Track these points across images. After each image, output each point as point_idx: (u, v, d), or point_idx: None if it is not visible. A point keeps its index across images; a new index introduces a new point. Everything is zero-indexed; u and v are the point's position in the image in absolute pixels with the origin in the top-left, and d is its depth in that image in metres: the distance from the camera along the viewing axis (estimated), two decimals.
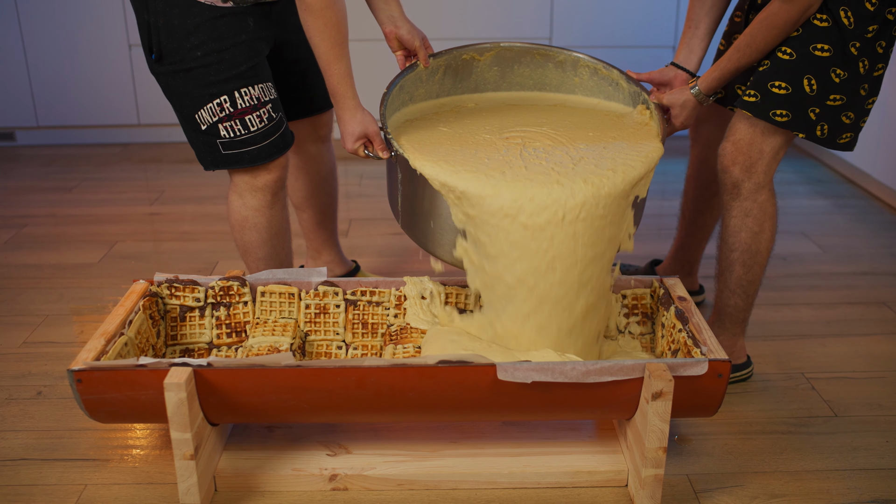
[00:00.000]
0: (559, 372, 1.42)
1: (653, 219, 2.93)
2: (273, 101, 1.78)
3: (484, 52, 1.87)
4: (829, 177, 3.35)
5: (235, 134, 1.74)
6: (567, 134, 1.71)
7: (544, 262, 1.52)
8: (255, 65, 1.75)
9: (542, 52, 1.87)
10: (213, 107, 1.72)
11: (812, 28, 1.64)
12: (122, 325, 1.60)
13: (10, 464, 1.63)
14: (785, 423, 1.76)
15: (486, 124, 1.77)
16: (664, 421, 1.42)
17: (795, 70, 1.66)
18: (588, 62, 1.86)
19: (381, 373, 1.43)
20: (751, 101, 1.70)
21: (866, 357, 2.01)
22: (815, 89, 1.66)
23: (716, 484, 1.57)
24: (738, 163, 1.74)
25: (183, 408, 1.39)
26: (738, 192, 1.77)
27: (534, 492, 1.55)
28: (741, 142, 1.74)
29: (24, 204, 3.11)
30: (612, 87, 1.86)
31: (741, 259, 1.81)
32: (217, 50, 1.70)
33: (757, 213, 1.78)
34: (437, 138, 1.69)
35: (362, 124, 1.69)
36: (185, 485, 1.45)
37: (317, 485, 1.55)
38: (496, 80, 1.92)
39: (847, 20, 1.62)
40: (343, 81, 1.68)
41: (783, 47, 1.67)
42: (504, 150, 1.64)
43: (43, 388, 1.89)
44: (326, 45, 1.65)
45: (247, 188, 1.83)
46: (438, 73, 1.86)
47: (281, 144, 1.80)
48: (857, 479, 1.58)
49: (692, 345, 1.54)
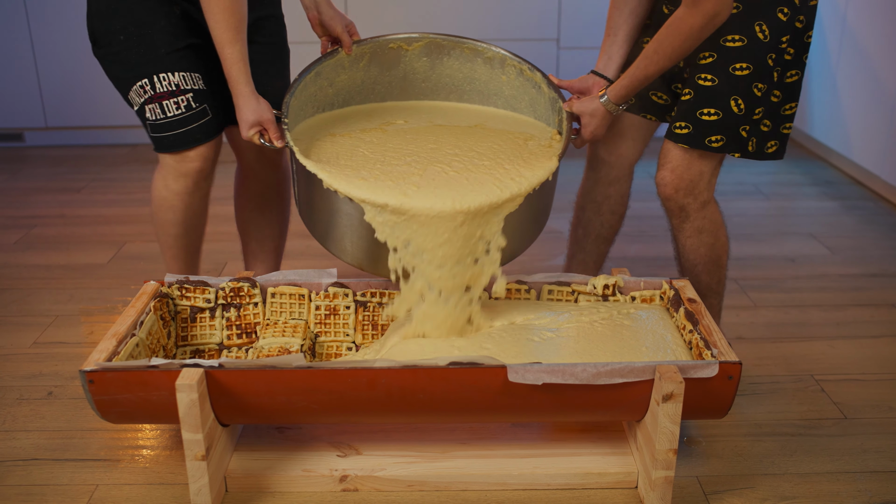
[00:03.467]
0: (570, 374, 1.42)
1: (659, 220, 2.92)
2: (196, 91, 1.76)
3: (412, 43, 1.86)
4: (837, 178, 3.35)
5: (157, 117, 1.76)
6: (471, 157, 1.69)
7: (436, 258, 1.56)
8: (176, 51, 1.74)
9: (471, 47, 1.86)
10: (138, 88, 1.74)
11: (727, 50, 1.65)
12: (134, 325, 1.60)
13: (21, 464, 1.64)
14: (794, 425, 1.75)
15: (405, 140, 1.75)
16: (674, 423, 1.42)
17: (721, 94, 1.67)
18: (514, 62, 1.84)
19: (391, 374, 1.43)
20: (684, 134, 1.71)
21: (876, 359, 2.01)
22: (742, 108, 1.67)
23: (726, 486, 1.57)
24: (681, 189, 1.76)
25: (194, 409, 1.40)
26: (686, 215, 1.79)
27: (543, 493, 1.55)
28: (679, 168, 1.75)
29: (33, 205, 3.12)
30: (535, 90, 1.85)
31: (705, 269, 1.85)
32: (137, 34, 1.72)
33: (709, 226, 1.80)
34: (339, 144, 1.71)
35: (256, 112, 1.68)
36: (196, 485, 1.46)
37: (327, 486, 1.55)
38: (426, 71, 1.91)
39: (762, 35, 1.64)
40: (235, 66, 1.66)
41: (704, 74, 1.67)
42: (404, 164, 1.64)
43: (54, 388, 1.90)
44: (219, 28, 1.63)
45: (171, 171, 1.82)
46: (363, 60, 1.84)
47: (198, 135, 1.78)
48: (867, 481, 1.58)
49: (703, 346, 1.54)
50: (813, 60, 3.53)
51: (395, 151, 1.69)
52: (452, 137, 1.76)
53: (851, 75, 3.24)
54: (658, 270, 2.50)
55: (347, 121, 1.85)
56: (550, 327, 1.68)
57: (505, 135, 1.79)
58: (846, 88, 3.28)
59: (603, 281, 1.80)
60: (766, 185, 3.30)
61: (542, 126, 1.86)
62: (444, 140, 1.75)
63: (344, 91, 1.89)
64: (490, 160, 1.66)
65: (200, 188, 1.85)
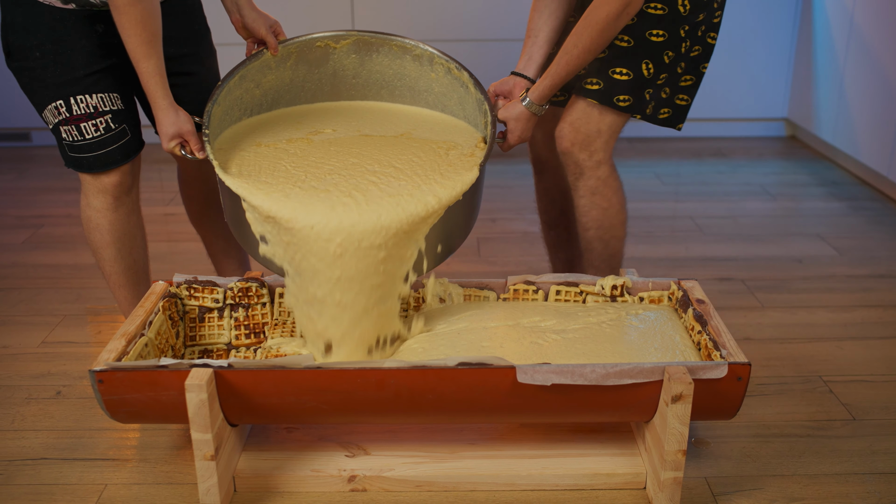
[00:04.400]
0: (579, 374, 1.42)
1: (665, 220, 2.92)
2: (115, 112, 1.73)
3: (340, 41, 1.84)
4: (844, 179, 3.34)
5: (73, 139, 1.72)
6: (389, 173, 1.68)
7: (333, 278, 1.54)
8: (96, 72, 1.69)
9: (399, 44, 1.85)
10: (53, 109, 1.71)
11: (647, 16, 1.71)
12: (143, 325, 1.61)
13: (30, 463, 1.65)
14: (803, 426, 1.75)
15: (328, 153, 1.74)
16: (683, 424, 1.42)
17: (634, 56, 1.72)
18: (442, 60, 1.83)
19: (400, 374, 1.43)
20: (594, 89, 1.75)
21: (884, 360, 2.01)
22: (651, 72, 1.73)
23: (734, 487, 1.57)
24: (577, 143, 1.78)
25: (204, 408, 1.40)
26: (580, 171, 1.81)
27: (552, 494, 1.55)
28: (578, 121, 1.77)
29: (40, 204, 3.13)
30: (463, 89, 1.84)
31: (598, 236, 1.86)
32: (54, 52, 1.66)
33: (602, 188, 1.82)
34: (261, 156, 1.70)
35: (175, 125, 1.67)
36: (205, 485, 1.46)
37: (335, 486, 1.55)
38: (355, 68, 1.90)
39: (683, 8, 1.71)
40: (152, 80, 1.64)
41: (621, 35, 1.72)
42: (321, 178, 1.63)
43: (62, 387, 1.90)
44: (132, 42, 1.60)
45: (90, 189, 1.79)
46: (290, 59, 1.83)
47: (118, 156, 1.75)
48: (876, 482, 1.58)
49: (712, 347, 1.54)
50: (820, 60, 3.53)
51: (317, 167, 1.67)
52: (376, 150, 1.74)
53: (858, 75, 3.24)
54: (666, 271, 2.50)
55: (276, 128, 1.83)
56: (557, 328, 1.68)
57: (429, 145, 1.77)
58: (853, 88, 3.28)
59: (611, 282, 1.80)
60: (772, 185, 3.29)
61: (469, 130, 1.85)
62: (367, 154, 1.73)
63: (272, 91, 1.87)
64: (407, 178, 1.63)
65: (123, 203, 1.81)
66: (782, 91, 3.85)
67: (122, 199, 1.81)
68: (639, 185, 3.29)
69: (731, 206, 3.07)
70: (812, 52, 3.60)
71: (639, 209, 3.02)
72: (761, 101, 3.88)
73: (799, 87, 3.75)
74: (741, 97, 3.86)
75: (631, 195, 3.16)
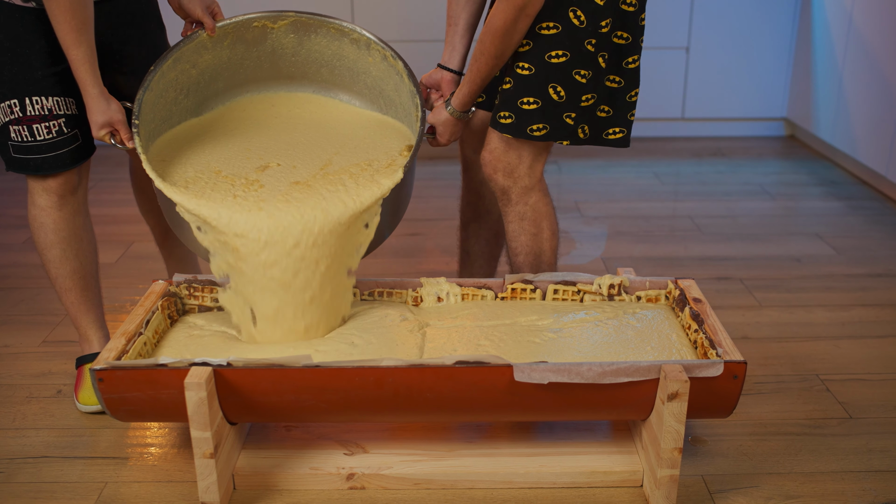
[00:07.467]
0: (575, 373, 1.43)
1: (664, 220, 2.93)
2: (69, 116, 1.71)
3: (277, 21, 1.83)
4: (842, 178, 3.35)
5: (23, 139, 1.70)
6: (320, 172, 1.72)
7: (268, 277, 1.60)
8: (54, 74, 1.68)
9: (337, 27, 1.84)
10: (6, 107, 1.69)
11: (542, 38, 1.65)
12: (142, 324, 1.62)
13: (31, 461, 1.66)
14: (799, 424, 1.76)
15: (255, 150, 1.78)
16: (680, 422, 1.42)
17: (538, 82, 1.67)
18: (378, 47, 1.83)
19: (398, 373, 1.44)
20: (507, 124, 1.72)
21: (881, 359, 2.01)
22: (563, 96, 1.67)
23: (731, 485, 1.58)
24: (500, 170, 1.77)
25: (203, 407, 1.41)
26: (507, 198, 1.80)
27: (549, 492, 1.56)
28: (497, 150, 1.76)
29: None
30: (398, 77, 1.84)
31: (526, 262, 1.85)
32: (11, 50, 1.65)
33: (531, 215, 1.81)
34: (192, 150, 1.74)
35: (105, 113, 1.66)
36: (204, 483, 1.47)
37: (334, 483, 1.56)
38: (294, 47, 1.89)
39: (577, 20, 1.63)
40: (82, 67, 1.62)
41: (521, 63, 1.68)
42: (247, 178, 1.67)
43: (63, 386, 1.91)
44: (63, 29, 1.58)
45: (35, 188, 1.77)
46: (227, 39, 1.82)
47: (68, 160, 1.73)
48: (872, 480, 1.59)
49: (708, 346, 1.55)
50: (818, 60, 3.53)
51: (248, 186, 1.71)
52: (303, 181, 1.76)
53: (857, 75, 3.24)
54: (665, 270, 2.51)
55: (214, 147, 1.82)
56: (554, 327, 1.69)
57: (348, 170, 1.77)
58: (852, 88, 3.28)
59: (608, 280, 1.80)
60: (771, 185, 3.30)
61: (400, 132, 1.86)
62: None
63: (209, 70, 1.86)
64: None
65: (68, 203, 1.79)
66: (781, 91, 3.85)
67: (67, 198, 1.78)
68: (638, 185, 3.30)
69: (730, 205, 3.08)
70: (811, 52, 3.61)
71: (638, 209, 3.02)
72: (760, 100, 3.88)
73: (798, 87, 3.75)
74: (740, 97, 3.87)
75: (630, 195, 3.20)
